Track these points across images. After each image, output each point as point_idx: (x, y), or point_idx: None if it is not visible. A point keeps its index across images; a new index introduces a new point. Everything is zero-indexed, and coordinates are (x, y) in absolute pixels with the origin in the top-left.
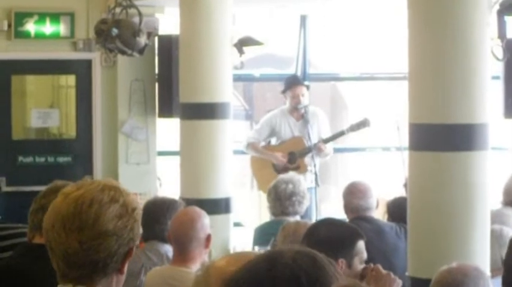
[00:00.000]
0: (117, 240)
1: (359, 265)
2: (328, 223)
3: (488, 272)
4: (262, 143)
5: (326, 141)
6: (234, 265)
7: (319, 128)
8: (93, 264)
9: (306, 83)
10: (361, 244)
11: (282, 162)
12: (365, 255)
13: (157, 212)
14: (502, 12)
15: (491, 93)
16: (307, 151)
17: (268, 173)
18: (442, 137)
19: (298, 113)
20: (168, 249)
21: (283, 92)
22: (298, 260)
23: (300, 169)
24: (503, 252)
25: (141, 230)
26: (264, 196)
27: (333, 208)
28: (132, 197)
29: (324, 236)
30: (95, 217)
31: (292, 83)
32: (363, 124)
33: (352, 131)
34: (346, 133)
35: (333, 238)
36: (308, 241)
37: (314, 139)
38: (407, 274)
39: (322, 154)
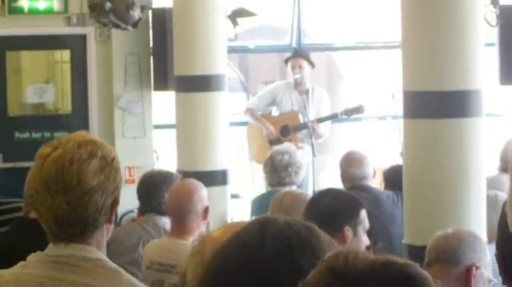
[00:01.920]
0: (102, 193)
1: (363, 234)
2: (330, 194)
3: (484, 238)
4: (261, 112)
5: (319, 121)
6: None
7: (319, 109)
8: (83, 221)
9: (310, 58)
10: (363, 213)
11: (271, 134)
12: (367, 224)
13: (154, 185)
14: None
15: (487, 60)
16: (302, 126)
17: (262, 144)
18: (436, 104)
19: (301, 87)
20: (166, 222)
21: (285, 62)
22: (291, 223)
23: (291, 142)
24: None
25: (138, 202)
26: (257, 167)
27: (330, 178)
28: (108, 147)
29: (328, 206)
30: (78, 175)
31: (293, 54)
32: (356, 110)
33: (346, 115)
34: (339, 116)
35: (337, 207)
36: (311, 212)
37: (312, 116)
38: (404, 241)
39: (316, 134)
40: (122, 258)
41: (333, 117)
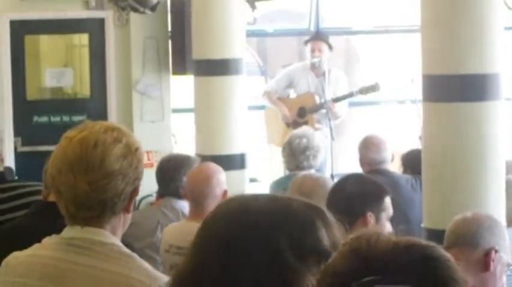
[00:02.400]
0: (123, 179)
1: (386, 221)
2: (356, 178)
3: (503, 222)
4: (279, 95)
5: (335, 100)
6: None
7: (336, 90)
8: (102, 204)
9: (329, 41)
10: (388, 200)
11: (286, 117)
12: (391, 211)
13: (172, 169)
14: None
15: (506, 44)
16: (318, 107)
17: (278, 126)
18: (455, 88)
19: (318, 70)
20: (184, 205)
21: (305, 44)
22: (295, 200)
23: (308, 124)
24: None
25: (156, 185)
26: (275, 151)
27: (349, 162)
28: (134, 137)
29: (352, 190)
30: (101, 157)
31: (313, 36)
32: (372, 88)
33: (361, 94)
34: (355, 95)
35: (361, 192)
36: (335, 196)
37: (329, 97)
38: (422, 225)
39: (333, 115)
40: (140, 242)
41: (349, 97)
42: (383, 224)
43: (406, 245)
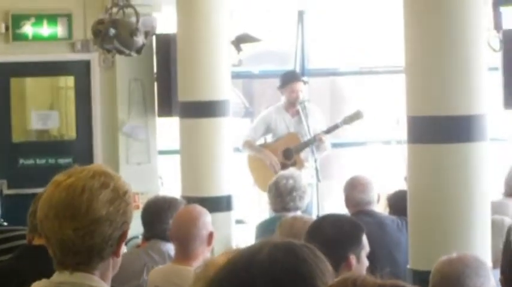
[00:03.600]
0: (110, 225)
1: (365, 258)
2: (332, 220)
3: (489, 263)
4: (260, 142)
5: (327, 132)
6: None
7: (315, 124)
8: (88, 250)
9: (305, 78)
10: (364, 237)
11: (273, 164)
12: (368, 247)
13: (159, 211)
14: (497, 4)
15: (491, 85)
16: (304, 145)
17: (265, 171)
18: (440, 129)
19: (293, 109)
20: (170, 248)
21: (281, 87)
22: (273, 255)
23: (297, 164)
24: None
25: (140, 226)
26: (262, 193)
27: (336, 203)
28: (122, 180)
29: (332, 233)
30: (87, 203)
31: (291, 78)
32: (356, 116)
33: (346, 124)
34: (340, 126)
35: (341, 235)
36: (313, 240)
37: (312, 133)
38: (408, 266)
39: (321, 148)
40: (126, 284)
41: (334, 129)
42: (363, 262)
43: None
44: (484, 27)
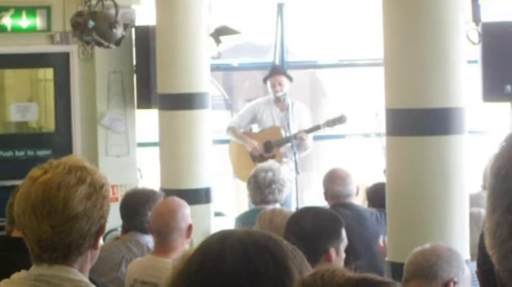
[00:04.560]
0: (87, 220)
1: (343, 251)
2: (312, 213)
3: (467, 255)
4: (242, 130)
5: (308, 131)
6: None
7: (301, 123)
8: (66, 246)
9: (289, 73)
10: (343, 231)
11: (256, 150)
12: (346, 240)
13: (137, 204)
14: None
15: (470, 78)
16: (285, 141)
17: (245, 161)
18: (418, 122)
19: (282, 103)
20: (149, 240)
21: (264, 80)
22: (249, 233)
23: (275, 158)
24: None
25: (119, 218)
26: (241, 185)
27: (315, 196)
28: (99, 174)
29: (312, 227)
30: (63, 201)
31: (272, 71)
32: (339, 120)
33: (328, 127)
34: (322, 128)
35: (321, 229)
36: (293, 233)
37: (294, 130)
38: (386, 259)
39: (302, 146)
40: (104, 276)
41: (316, 129)
42: (341, 255)
43: (359, 280)
44: (463, 20)
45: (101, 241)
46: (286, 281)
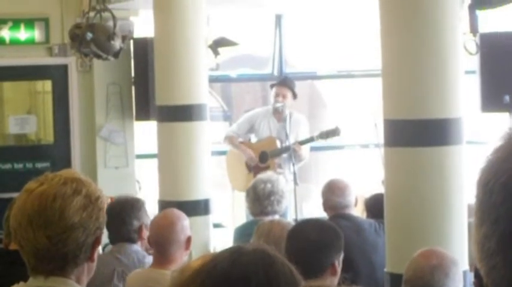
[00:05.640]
0: (83, 231)
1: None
2: (316, 225)
3: (466, 266)
4: (240, 139)
5: (302, 143)
6: None
7: (298, 134)
8: (63, 257)
9: (295, 90)
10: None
11: (252, 160)
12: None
13: (122, 213)
14: (473, 7)
15: (468, 88)
16: (280, 152)
17: (241, 171)
18: (417, 133)
19: (280, 115)
20: (137, 249)
21: (271, 87)
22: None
23: (270, 169)
24: None
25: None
26: (239, 196)
27: (314, 207)
28: (94, 186)
29: (318, 240)
30: (59, 211)
31: (281, 81)
32: (333, 133)
33: (322, 139)
34: (315, 139)
35: (327, 242)
36: (297, 244)
37: (291, 141)
38: (385, 270)
39: (297, 157)
40: None
41: (310, 141)
42: (340, 265)
43: None
44: (461, 31)
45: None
46: None
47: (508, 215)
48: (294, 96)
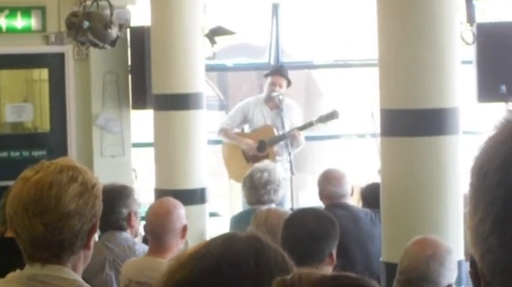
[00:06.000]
0: (80, 218)
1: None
2: (314, 215)
3: (462, 256)
4: (236, 130)
5: (301, 129)
6: None
7: (292, 120)
8: (59, 244)
9: (290, 78)
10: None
11: (251, 148)
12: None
13: (111, 201)
14: None
15: (464, 78)
16: (278, 139)
17: (238, 161)
18: (413, 122)
19: (273, 102)
20: (127, 237)
21: (265, 77)
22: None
23: (269, 157)
24: None
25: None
26: (234, 185)
27: (310, 196)
28: (90, 174)
29: (317, 230)
30: (56, 199)
31: (276, 70)
32: (331, 116)
33: (321, 123)
34: (314, 124)
35: (325, 231)
36: (295, 233)
37: (287, 128)
38: (381, 259)
39: (295, 143)
40: (90, 280)
41: (308, 126)
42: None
43: (333, 277)
44: (457, 21)
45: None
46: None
47: (504, 196)
48: (289, 84)
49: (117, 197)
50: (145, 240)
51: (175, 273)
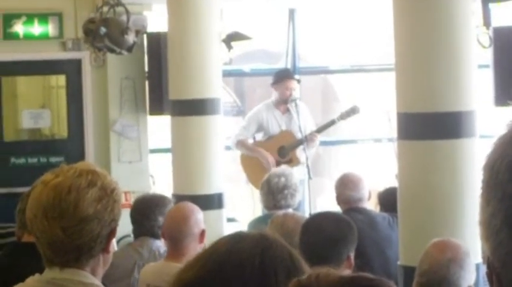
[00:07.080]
0: (98, 223)
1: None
2: (332, 219)
3: (479, 259)
4: (251, 140)
5: (319, 131)
6: None
7: (304, 122)
8: (78, 249)
9: (297, 77)
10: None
11: (270, 163)
12: None
13: (147, 209)
14: (486, 0)
15: (481, 82)
16: (298, 143)
17: (260, 170)
18: (430, 126)
19: (284, 106)
20: (159, 245)
21: (275, 83)
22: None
23: (293, 162)
24: None
25: (120, 214)
26: (256, 191)
27: (328, 201)
28: (110, 178)
29: (335, 233)
30: (74, 203)
31: (285, 75)
32: (352, 111)
33: (343, 119)
34: (337, 122)
35: (343, 234)
36: (313, 237)
37: (303, 131)
38: (399, 263)
39: (310, 146)
40: (117, 283)
41: (331, 125)
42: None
43: (351, 278)
44: (474, 24)
45: (115, 246)
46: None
47: None
48: (298, 82)
49: (154, 205)
50: None
51: (183, 273)
